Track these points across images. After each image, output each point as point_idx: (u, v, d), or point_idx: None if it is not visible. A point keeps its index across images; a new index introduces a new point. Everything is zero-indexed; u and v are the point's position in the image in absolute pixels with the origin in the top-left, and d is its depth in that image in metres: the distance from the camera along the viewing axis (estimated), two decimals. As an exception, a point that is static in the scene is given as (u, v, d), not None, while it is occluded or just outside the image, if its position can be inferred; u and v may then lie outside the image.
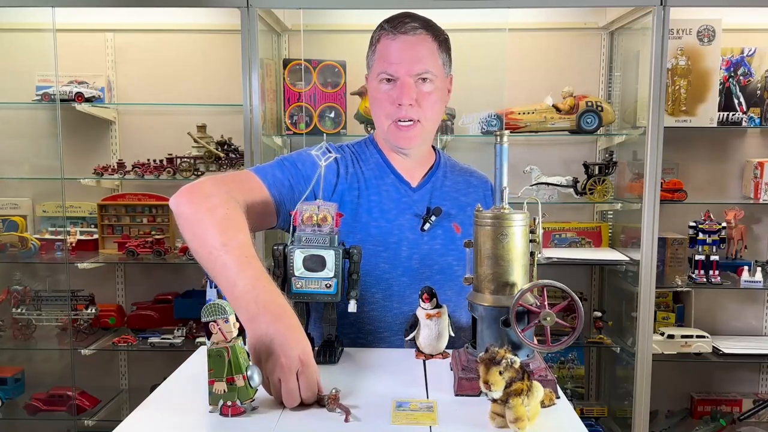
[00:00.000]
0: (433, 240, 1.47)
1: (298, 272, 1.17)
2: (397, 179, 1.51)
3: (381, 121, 1.48)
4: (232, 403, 0.94)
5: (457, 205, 1.52)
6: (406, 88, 1.41)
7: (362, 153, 1.54)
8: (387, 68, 1.42)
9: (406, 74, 1.41)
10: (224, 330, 0.94)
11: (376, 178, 1.50)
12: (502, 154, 1.10)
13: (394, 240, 1.45)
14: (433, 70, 1.43)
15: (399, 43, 1.42)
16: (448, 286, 1.44)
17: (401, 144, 1.47)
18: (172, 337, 2.77)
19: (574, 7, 2.73)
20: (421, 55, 1.42)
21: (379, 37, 1.46)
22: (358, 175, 1.49)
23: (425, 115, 1.44)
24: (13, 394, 2.84)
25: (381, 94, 1.45)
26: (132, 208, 2.91)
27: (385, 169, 1.52)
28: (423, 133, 1.47)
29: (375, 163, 1.52)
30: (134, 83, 2.96)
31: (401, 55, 1.41)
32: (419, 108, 1.43)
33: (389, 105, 1.44)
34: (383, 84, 1.44)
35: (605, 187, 2.72)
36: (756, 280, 2.67)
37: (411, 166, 1.53)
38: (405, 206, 1.48)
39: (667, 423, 2.88)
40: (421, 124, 1.45)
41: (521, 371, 0.89)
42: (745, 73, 2.76)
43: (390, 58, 1.42)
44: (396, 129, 1.45)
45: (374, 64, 1.47)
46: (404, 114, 1.42)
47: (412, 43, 1.42)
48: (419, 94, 1.42)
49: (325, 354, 1.20)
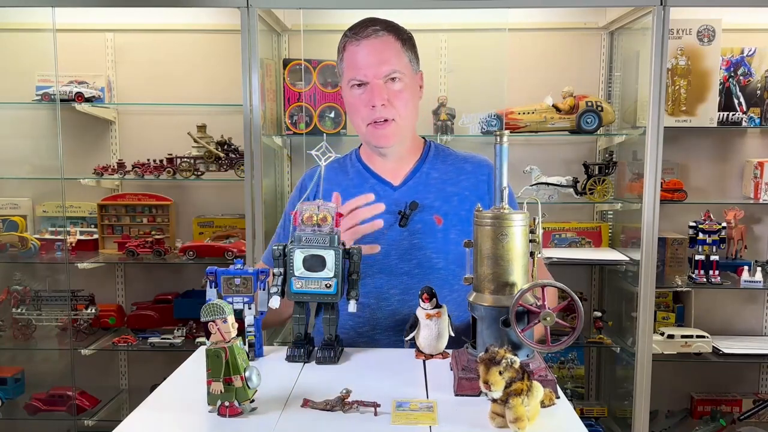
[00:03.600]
0: (412, 235, 1.50)
1: (298, 272, 1.17)
2: (378, 182, 1.56)
3: (358, 124, 1.53)
4: (230, 404, 0.94)
5: (441, 196, 1.54)
6: (377, 90, 1.46)
7: (342, 167, 1.60)
8: (356, 74, 1.48)
9: (374, 77, 1.46)
10: (223, 330, 0.94)
11: (356, 186, 1.55)
12: (502, 154, 1.10)
13: (369, 240, 1.45)
14: (400, 69, 1.48)
15: (364, 47, 1.47)
16: (426, 279, 1.46)
17: (380, 143, 1.52)
18: (172, 337, 2.76)
19: (574, 7, 2.73)
20: (387, 56, 1.47)
21: (344, 44, 1.51)
22: (332, 189, 1.49)
23: (399, 113, 1.49)
24: (13, 394, 2.84)
25: (354, 99, 1.50)
26: (132, 208, 2.91)
27: (365, 174, 1.58)
28: (399, 131, 1.52)
29: (355, 172, 1.59)
30: (134, 83, 2.96)
31: (368, 59, 1.46)
32: (392, 107, 1.48)
33: (363, 108, 1.49)
34: (355, 89, 1.49)
35: (605, 187, 2.72)
36: (756, 280, 2.67)
37: (393, 166, 1.58)
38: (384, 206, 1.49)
39: (667, 423, 2.87)
40: (395, 122, 1.49)
41: (521, 371, 0.89)
42: (745, 73, 2.76)
43: (357, 63, 1.47)
44: (373, 129, 1.50)
45: (344, 72, 1.52)
46: (378, 115, 1.47)
47: (376, 45, 1.47)
48: (390, 94, 1.47)
49: (325, 354, 1.20)
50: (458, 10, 2.58)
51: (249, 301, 1.21)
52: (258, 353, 1.24)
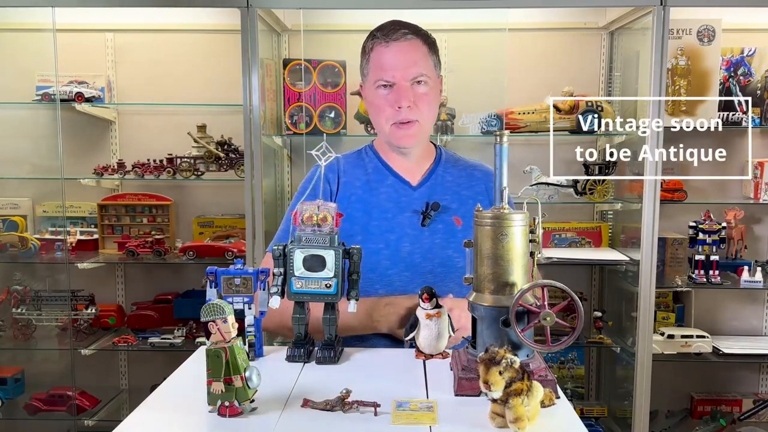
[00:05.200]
0: (433, 234, 1.54)
1: (298, 272, 1.17)
2: (397, 180, 1.59)
3: (381, 125, 1.55)
4: (230, 404, 0.94)
5: (458, 199, 1.58)
6: (404, 92, 1.49)
7: (360, 161, 1.62)
8: (383, 75, 1.50)
9: (402, 79, 1.49)
10: (223, 330, 0.94)
11: (376, 182, 1.58)
12: (502, 154, 1.10)
13: (394, 237, 1.52)
14: (426, 72, 1.51)
15: (392, 49, 1.49)
16: (449, 278, 1.50)
17: (402, 143, 1.55)
18: (172, 337, 2.77)
19: (574, 7, 2.74)
20: (415, 59, 1.50)
21: (372, 46, 1.53)
22: (353, 182, 1.57)
23: (423, 115, 1.52)
24: (13, 394, 2.84)
25: (380, 100, 1.52)
26: (132, 208, 2.91)
27: (384, 172, 1.60)
28: (421, 132, 1.55)
29: (374, 168, 1.61)
30: (134, 83, 2.96)
31: (396, 61, 1.49)
32: (417, 109, 1.50)
33: (389, 109, 1.51)
34: (381, 90, 1.51)
35: (605, 187, 2.72)
36: (756, 280, 2.67)
37: (410, 165, 1.61)
38: (405, 204, 1.55)
39: (667, 423, 2.87)
40: (419, 123, 1.53)
41: (521, 371, 0.89)
42: (745, 73, 2.76)
43: (385, 65, 1.50)
44: (397, 129, 1.52)
45: (370, 73, 1.54)
46: (404, 116, 1.50)
47: (405, 48, 1.49)
48: (416, 96, 1.50)
49: (325, 354, 1.20)
50: (458, 10, 2.58)
51: (249, 301, 1.20)
52: (258, 353, 1.24)
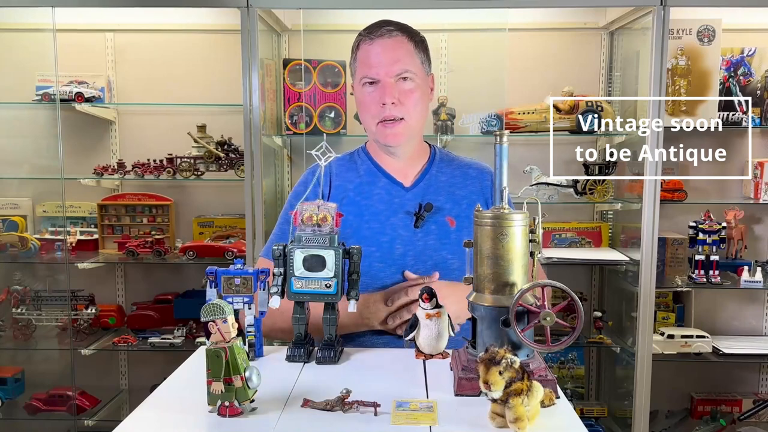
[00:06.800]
0: (427, 236, 1.52)
1: (298, 272, 1.17)
2: (389, 181, 1.57)
3: (368, 123, 1.55)
4: (230, 404, 0.94)
5: (452, 200, 1.57)
6: (388, 88, 1.48)
7: (352, 163, 1.61)
8: (368, 72, 1.49)
9: (386, 75, 1.48)
10: (223, 330, 0.94)
11: (368, 184, 1.57)
12: (502, 154, 1.10)
13: (386, 239, 1.50)
14: (411, 68, 1.50)
15: (377, 46, 1.49)
16: (443, 279, 1.47)
17: (389, 141, 1.53)
18: (172, 337, 2.77)
19: (574, 7, 2.73)
20: (399, 55, 1.49)
21: (358, 43, 1.53)
22: (345, 185, 1.56)
23: (409, 112, 1.50)
24: (13, 394, 2.84)
25: (365, 97, 1.51)
26: (132, 208, 2.91)
27: (376, 173, 1.58)
28: (408, 130, 1.53)
29: (366, 170, 1.59)
30: (134, 83, 2.96)
31: (380, 58, 1.48)
32: (402, 106, 1.49)
33: (374, 106, 1.50)
34: (366, 87, 1.51)
35: (605, 187, 2.71)
36: (756, 280, 2.67)
37: (403, 166, 1.59)
38: (397, 206, 1.54)
39: (667, 423, 2.87)
40: (405, 121, 1.51)
41: (521, 371, 0.89)
42: (745, 73, 2.76)
43: (370, 61, 1.49)
44: (383, 128, 1.51)
45: (357, 71, 1.54)
46: (389, 113, 1.49)
47: (389, 45, 1.49)
48: (401, 93, 1.49)
49: (325, 354, 1.20)
50: (458, 10, 2.58)
51: (249, 301, 1.21)
52: (258, 353, 1.24)
